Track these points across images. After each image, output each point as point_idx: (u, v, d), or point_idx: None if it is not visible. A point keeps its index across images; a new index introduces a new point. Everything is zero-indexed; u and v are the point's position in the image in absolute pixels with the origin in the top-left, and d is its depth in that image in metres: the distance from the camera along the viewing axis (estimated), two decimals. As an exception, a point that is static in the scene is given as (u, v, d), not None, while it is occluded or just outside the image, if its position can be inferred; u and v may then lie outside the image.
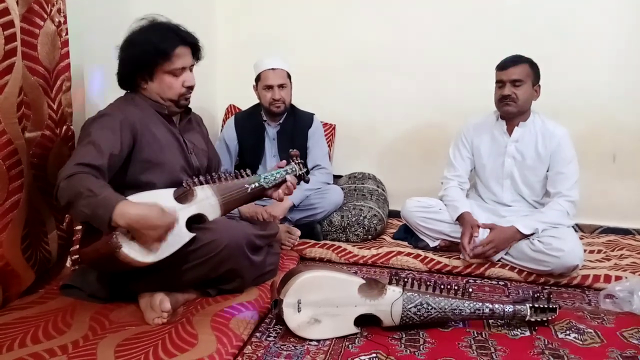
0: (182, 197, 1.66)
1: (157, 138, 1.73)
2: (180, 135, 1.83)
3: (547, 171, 2.29)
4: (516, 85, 2.21)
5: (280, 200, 1.94)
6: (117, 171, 1.63)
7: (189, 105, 1.90)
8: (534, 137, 2.29)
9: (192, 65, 1.80)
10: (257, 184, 1.82)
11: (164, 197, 1.60)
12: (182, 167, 1.78)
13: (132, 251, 1.44)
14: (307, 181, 2.00)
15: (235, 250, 1.67)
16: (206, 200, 1.68)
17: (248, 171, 1.85)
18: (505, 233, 2.17)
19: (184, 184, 1.67)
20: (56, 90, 1.78)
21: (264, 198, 1.96)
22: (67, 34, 1.80)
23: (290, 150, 2.00)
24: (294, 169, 1.94)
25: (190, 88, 1.78)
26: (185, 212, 1.61)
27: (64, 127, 1.84)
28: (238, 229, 1.73)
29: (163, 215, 1.46)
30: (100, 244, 1.45)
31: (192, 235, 1.58)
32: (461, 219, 2.27)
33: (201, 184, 1.71)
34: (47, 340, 1.42)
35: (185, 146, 1.83)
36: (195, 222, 1.65)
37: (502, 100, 2.25)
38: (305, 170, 1.98)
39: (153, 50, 1.68)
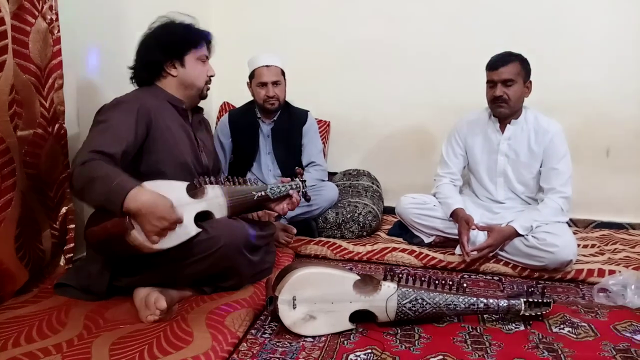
0: (193, 192, 1.68)
1: (171, 131, 1.76)
2: (192, 132, 1.87)
3: (540, 167, 2.29)
4: (507, 85, 2.20)
5: (284, 214, 1.98)
6: (129, 161, 1.65)
7: (201, 105, 1.97)
8: (527, 134, 2.29)
9: None
10: (263, 193, 1.86)
11: (177, 188, 1.62)
12: (192, 162, 1.82)
13: (142, 235, 1.46)
14: (308, 200, 2.05)
15: (234, 249, 1.68)
16: (215, 199, 1.71)
17: (258, 182, 1.93)
18: (503, 235, 2.16)
19: (195, 182, 1.70)
20: (48, 88, 1.77)
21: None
22: (59, 31, 1.79)
23: (296, 168, 2.05)
24: (298, 185, 1.98)
25: (211, 78, 1.89)
26: (195, 206, 1.64)
27: (57, 125, 1.83)
28: (237, 227, 1.73)
29: (172, 210, 1.48)
30: (111, 224, 1.46)
31: (199, 230, 1.60)
32: (454, 216, 2.28)
33: (212, 183, 1.73)
34: (42, 340, 1.41)
35: (197, 143, 1.87)
36: (202, 219, 1.66)
37: (494, 102, 2.25)
38: (307, 189, 2.03)
39: (188, 36, 1.81)
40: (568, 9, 2.87)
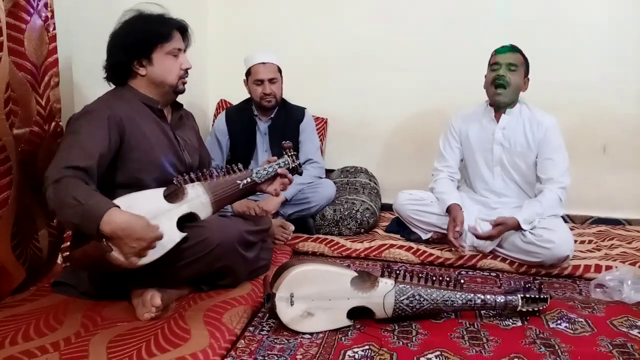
0: (173, 196, 1.63)
1: (147, 135, 1.70)
2: (171, 131, 1.80)
3: (536, 158, 2.29)
4: (511, 69, 2.23)
5: (277, 194, 1.91)
6: (106, 170, 1.61)
7: (180, 101, 1.90)
8: (522, 124, 2.30)
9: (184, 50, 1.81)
10: (249, 179, 1.80)
11: (153, 197, 1.58)
12: (173, 164, 1.76)
13: (122, 255, 1.42)
14: (300, 173, 1.97)
15: (228, 248, 1.67)
16: (197, 198, 1.66)
17: (240, 166, 1.82)
18: (507, 226, 2.16)
19: (174, 182, 1.66)
20: (44, 86, 1.77)
21: (257, 193, 1.95)
22: (54, 28, 1.78)
23: (283, 142, 1.96)
24: (286, 162, 1.90)
25: (187, 70, 1.78)
26: (176, 211, 1.59)
27: (53, 123, 1.82)
28: (230, 226, 1.72)
29: (149, 228, 1.42)
30: (90, 248, 1.43)
31: (183, 235, 1.57)
32: (448, 211, 2.28)
33: (192, 181, 1.68)
34: (39, 338, 1.41)
35: (177, 142, 1.81)
36: (187, 220, 1.63)
37: (494, 83, 2.24)
38: (298, 162, 1.94)
39: (154, 31, 1.69)
40: (566, 8, 2.87)
